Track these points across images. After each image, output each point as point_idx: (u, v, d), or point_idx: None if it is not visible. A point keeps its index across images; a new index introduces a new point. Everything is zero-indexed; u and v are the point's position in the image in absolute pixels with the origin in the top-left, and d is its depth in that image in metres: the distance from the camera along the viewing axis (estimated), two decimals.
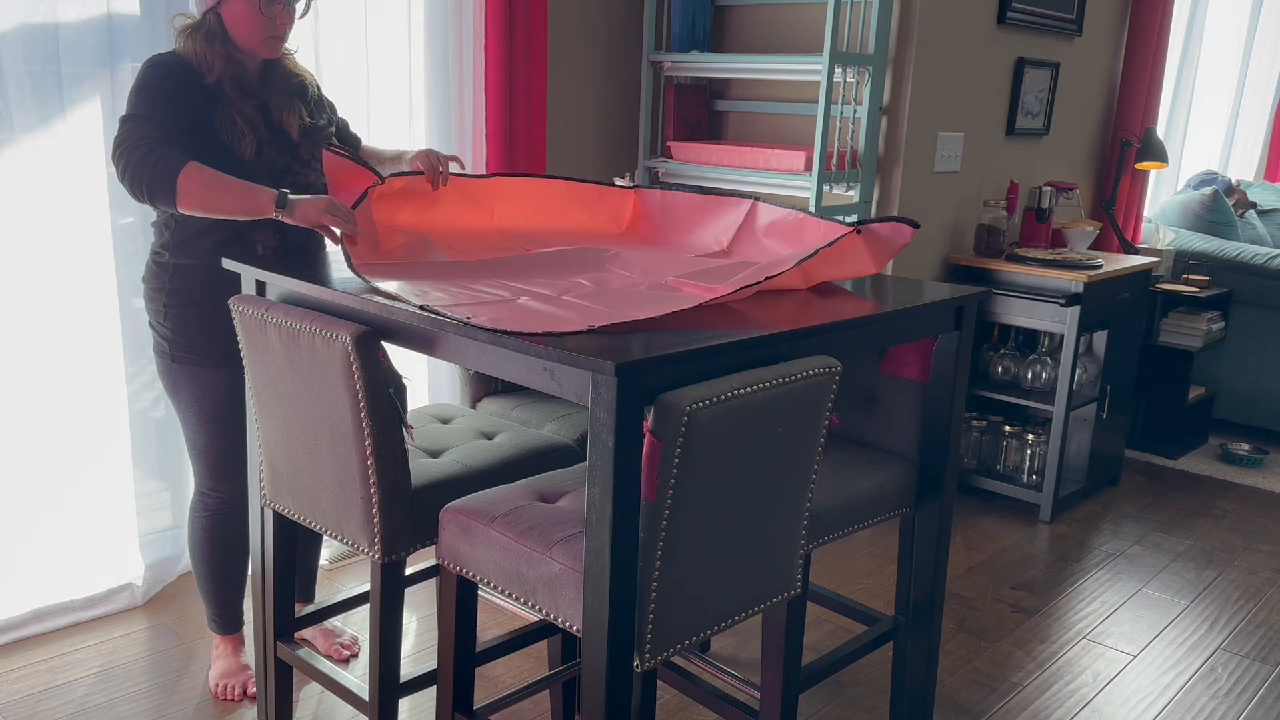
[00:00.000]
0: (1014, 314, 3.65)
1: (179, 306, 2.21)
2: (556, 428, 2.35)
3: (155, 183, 1.98)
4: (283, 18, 2.12)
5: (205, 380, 2.24)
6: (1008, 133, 3.88)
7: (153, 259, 2.24)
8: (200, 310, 2.20)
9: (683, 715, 2.41)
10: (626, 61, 3.72)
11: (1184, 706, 2.57)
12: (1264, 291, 4.55)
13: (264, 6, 2.08)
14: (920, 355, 2.17)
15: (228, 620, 2.47)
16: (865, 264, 2.09)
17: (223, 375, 2.24)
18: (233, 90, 2.12)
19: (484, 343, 1.62)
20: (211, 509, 2.34)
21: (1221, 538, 3.62)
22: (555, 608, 1.64)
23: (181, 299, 2.20)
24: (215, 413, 2.26)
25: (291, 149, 2.21)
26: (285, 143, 2.20)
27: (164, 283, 2.21)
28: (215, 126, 2.10)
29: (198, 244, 2.17)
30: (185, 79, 2.09)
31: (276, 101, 2.20)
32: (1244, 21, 6.05)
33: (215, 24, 2.11)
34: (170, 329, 2.22)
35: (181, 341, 2.22)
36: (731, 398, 1.53)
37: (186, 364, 2.23)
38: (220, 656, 2.48)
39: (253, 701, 2.39)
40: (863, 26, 3.28)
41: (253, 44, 2.13)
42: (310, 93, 2.30)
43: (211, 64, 2.10)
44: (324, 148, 2.16)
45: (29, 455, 2.58)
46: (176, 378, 2.25)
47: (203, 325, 2.21)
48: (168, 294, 2.21)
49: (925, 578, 2.26)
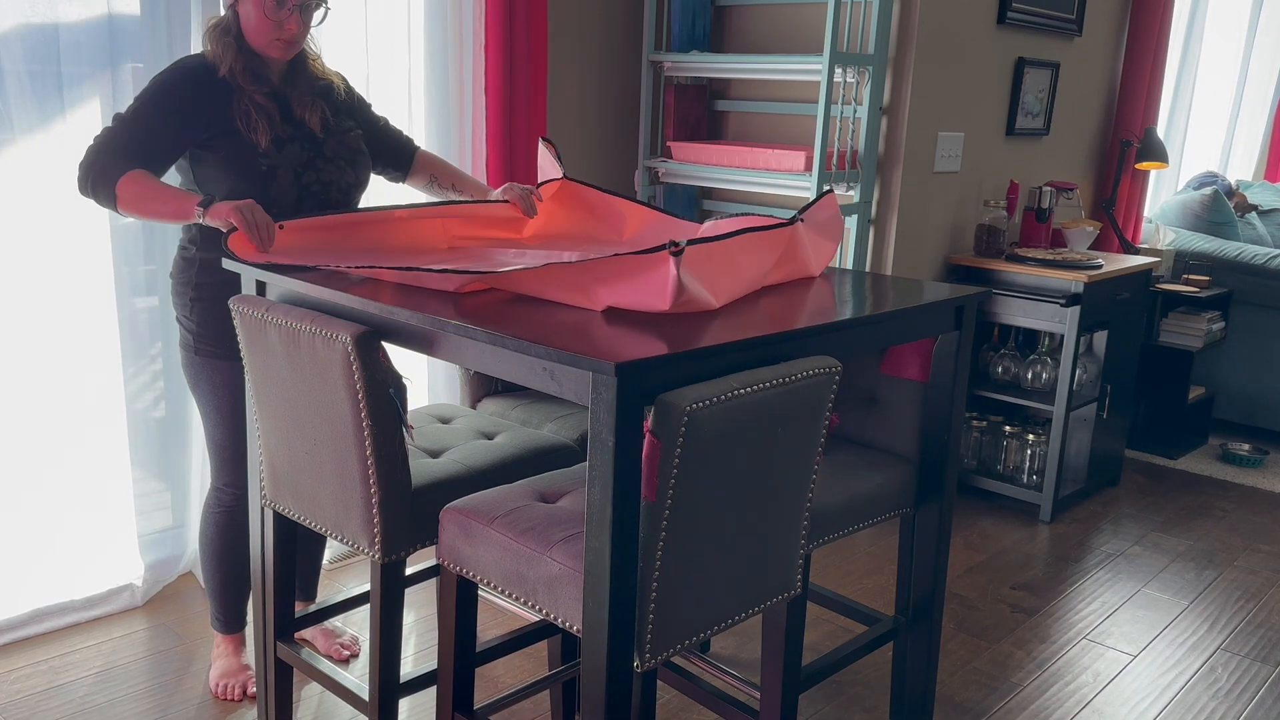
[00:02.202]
0: (1014, 314, 3.65)
1: (205, 300, 2.23)
2: (556, 428, 2.35)
3: (97, 190, 2.07)
4: (290, 23, 2.12)
5: (226, 374, 2.26)
6: (1008, 133, 3.88)
7: (180, 254, 2.27)
8: (224, 304, 2.22)
9: (683, 715, 2.41)
10: (626, 61, 3.72)
11: (1184, 707, 2.57)
12: (1264, 291, 4.56)
13: (270, 10, 2.10)
14: (920, 355, 2.17)
15: (232, 619, 2.47)
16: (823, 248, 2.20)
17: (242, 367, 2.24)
18: (245, 81, 2.14)
19: (484, 343, 1.62)
20: (227, 505, 2.36)
21: (1221, 538, 3.62)
22: (555, 608, 1.64)
23: (208, 292, 2.23)
24: (236, 407, 2.28)
25: (315, 145, 2.21)
26: (307, 138, 2.20)
27: (191, 276, 2.24)
28: (233, 120, 2.12)
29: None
30: (202, 80, 2.13)
31: (298, 98, 2.21)
32: (1244, 21, 6.05)
33: (232, 20, 2.14)
34: (196, 322, 2.25)
35: (206, 334, 2.24)
36: (731, 398, 1.53)
37: (210, 357, 2.25)
38: (221, 656, 2.48)
39: (253, 702, 2.39)
40: (863, 26, 3.28)
41: (260, 44, 2.14)
42: (337, 95, 2.31)
43: (224, 57, 2.13)
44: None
45: (29, 455, 2.58)
46: (199, 371, 2.28)
47: (226, 318, 2.23)
48: (195, 287, 2.23)
49: (925, 578, 2.26)
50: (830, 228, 2.25)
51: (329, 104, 2.28)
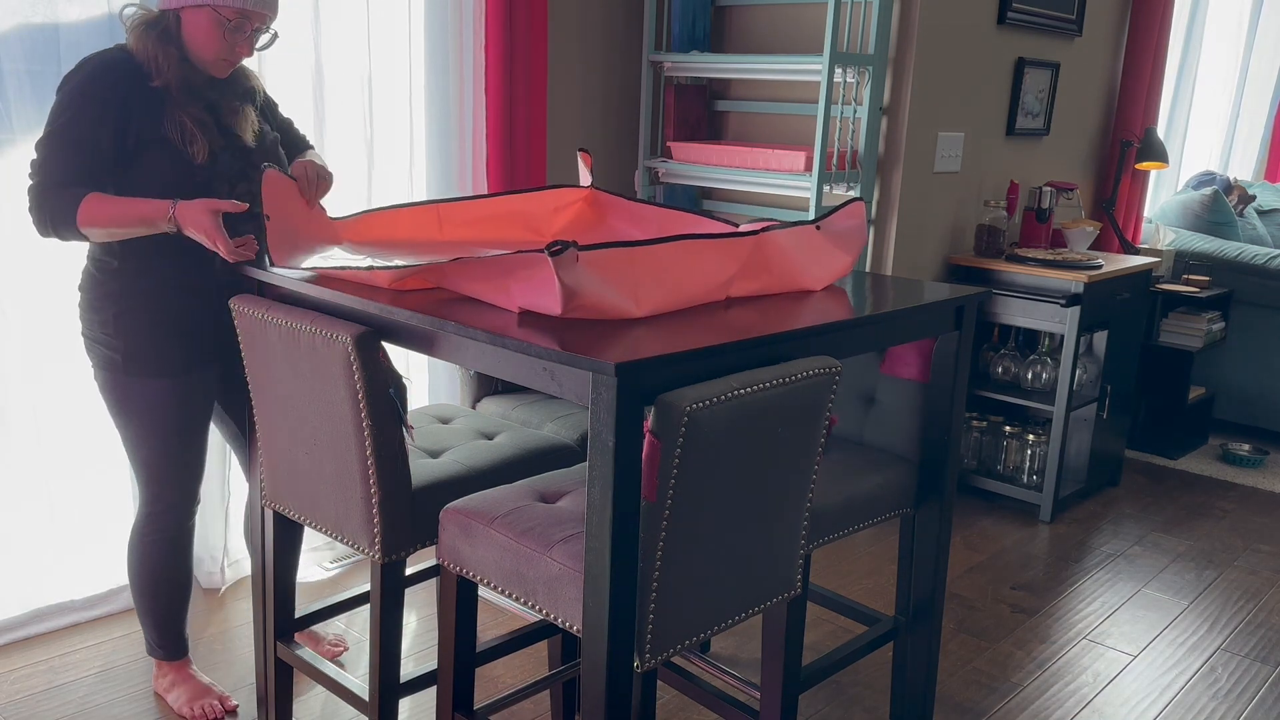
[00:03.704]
0: (1014, 314, 3.65)
1: (130, 314, 2.09)
2: (556, 428, 2.35)
3: (60, 230, 1.96)
4: (242, 46, 2.04)
5: (158, 392, 2.13)
6: (1008, 133, 3.88)
7: (93, 265, 2.11)
8: (153, 317, 2.11)
9: (683, 715, 2.41)
10: (626, 61, 3.72)
11: (1184, 707, 2.56)
12: (1264, 291, 4.56)
13: (227, 31, 2.00)
14: (920, 355, 2.17)
15: (176, 645, 2.38)
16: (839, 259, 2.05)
17: (177, 384, 2.15)
18: (181, 94, 2.02)
19: (484, 343, 1.62)
20: (166, 530, 2.25)
21: (1221, 538, 3.62)
22: (555, 608, 1.64)
23: (133, 303, 2.09)
24: (174, 426, 2.16)
25: (246, 155, 2.12)
26: (239, 148, 2.11)
27: (111, 290, 2.09)
28: (164, 130, 2.01)
29: (155, 249, 2.07)
30: (126, 81, 1.99)
31: (227, 105, 2.10)
32: (1244, 21, 6.05)
33: (174, 26, 2.01)
34: (124, 340, 2.10)
35: (136, 353, 2.10)
36: (731, 398, 1.53)
37: (139, 376, 2.11)
38: (177, 683, 2.37)
39: (234, 715, 2.36)
40: (863, 26, 3.28)
41: (205, 59, 2.04)
42: (259, 97, 2.22)
43: (161, 67, 2.00)
44: (264, 167, 1.98)
45: (29, 455, 2.58)
46: (129, 392, 2.12)
47: (155, 333, 2.11)
48: (117, 301, 2.09)
49: (925, 578, 2.26)
50: (849, 239, 2.08)
51: (254, 106, 2.17)
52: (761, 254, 1.92)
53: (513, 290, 1.70)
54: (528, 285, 1.66)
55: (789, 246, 1.97)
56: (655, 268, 1.74)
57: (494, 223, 2.29)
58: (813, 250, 2.02)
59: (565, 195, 2.40)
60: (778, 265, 1.95)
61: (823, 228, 2.05)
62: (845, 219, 2.08)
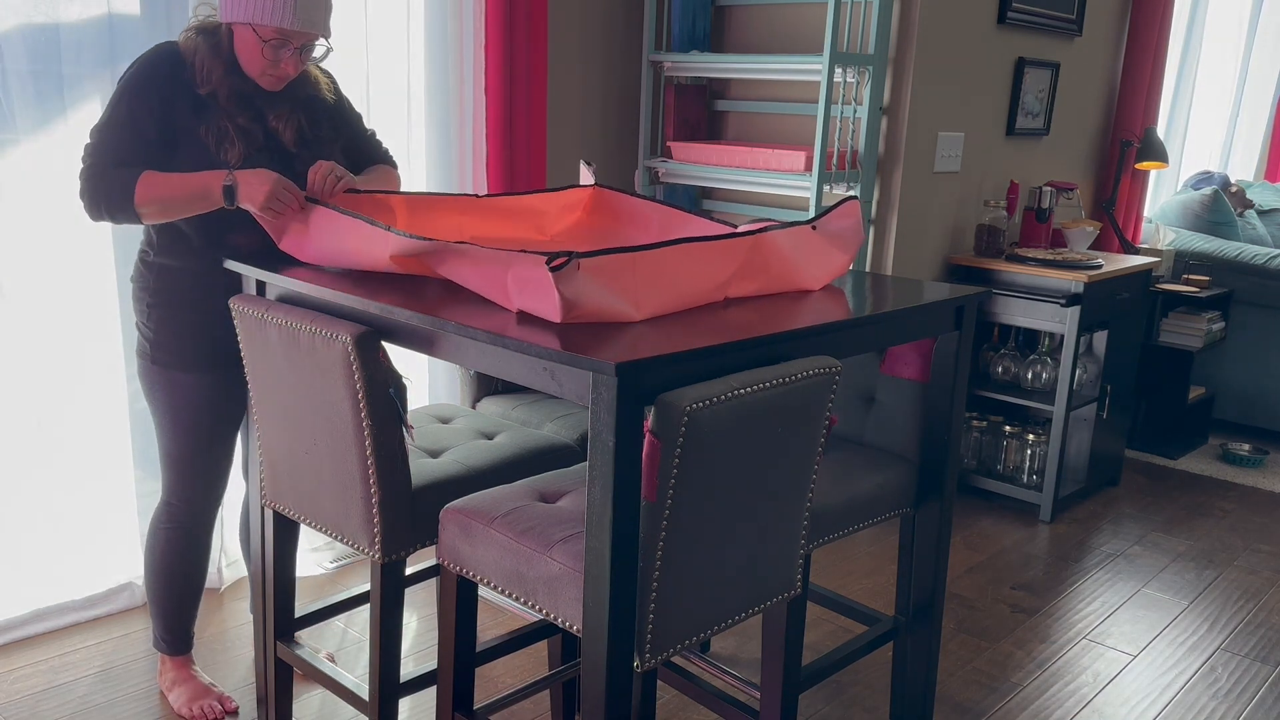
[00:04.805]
0: (1014, 314, 3.65)
1: (162, 308, 2.15)
2: (556, 428, 2.35)
3: (115, 211, 2.00)
4: (288, 63, 2.05)
5: (182, 385, 2.17)
6: (1008, 133, 3.88)
7: (140, 258, 2.19)
8: (181, 314, 2.15)
9: (683, 715, 2.41)
10: (626, 61, 3.72)
11: (1184, 707, 2.57)
12: (1264, 291, 4.56)
13: (266, 50, 2.02)
14: (920, 355, 2.17)
15: (181, 640, 2.39)
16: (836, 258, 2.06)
17: (202, 381, 2.17)
18: (229, 102, 2.06)
19: (484, 343, 1.62)
20: (180, 521, 2.27)
21: (1221, 538, 3.62)
22: (555, 608, 1.64)
23: (165, 299, 2.15)
24: (191, 421, 2.19)
25: (285, 158, 2.12)
26: (277, 150, 2.12)
27: (149, 283, 2.16)
28: (201, 129, 2.04)
29: (180, 245, 2.12)
30: (175, 78, 2.04)
31: (275, 110, 2.12)
32: (1244, 21, 6.05)
33: (225, 39, 2.06)
34: (153, 330, 2.16)
35: (162, 344, 2.16)
36: (731, 398, 1.53)
37: (165, 367, 2.17)
38: (178, 681, 2.38)
39: (233, 716, 2.36)
40: (863, 26, 3.29)
41: (252, 73, 2.07)
42: (323, 100, 2.22)
43: (209, 76, 2.04)
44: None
45: (30, 455, 2.58)
46: (155, 381, 2.18)
47: (183, 329, 2.15)
48: (152, 294, 2.15)
49: (925, 578, 2.27)
50: (845, 238, 2.09)
51: (307, 114, 2.17)
52: (759, 254, 1.92)
53: (512, 293, 1.70)
54: (528, 291, 1.67)
55: (786, 246, 1.97)
56: (655, 271, 1.74)
57: (501, 216, 2.31)
58: (810, 250, 2.03)
59: (573, 195, 2.42)
60: (775, 265, 1.96)
61: (818, 227, 2.05)
62: (841, 218, 2.09)
